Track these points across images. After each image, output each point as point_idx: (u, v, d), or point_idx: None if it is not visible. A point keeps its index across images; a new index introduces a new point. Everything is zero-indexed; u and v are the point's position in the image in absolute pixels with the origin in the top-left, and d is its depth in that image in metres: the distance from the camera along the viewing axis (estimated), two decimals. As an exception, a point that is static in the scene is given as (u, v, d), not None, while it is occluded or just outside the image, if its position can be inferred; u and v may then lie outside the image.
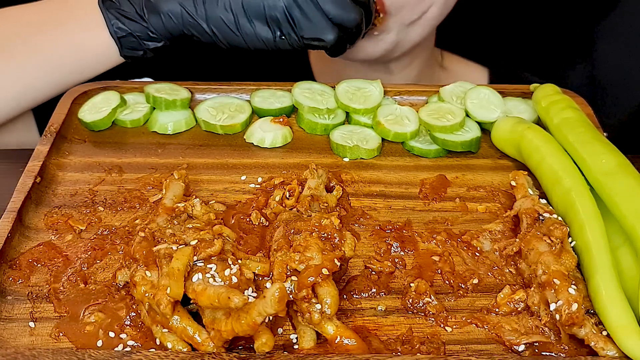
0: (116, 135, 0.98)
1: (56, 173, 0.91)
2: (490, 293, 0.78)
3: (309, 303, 0.70)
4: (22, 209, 0.83)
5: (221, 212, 0.85)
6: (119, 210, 0.86)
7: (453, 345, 0.72)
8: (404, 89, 1.06)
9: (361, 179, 0.92)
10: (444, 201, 0.89)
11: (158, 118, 0.99)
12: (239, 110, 1.01)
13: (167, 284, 0.69)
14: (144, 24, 0.97)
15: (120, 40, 0.99)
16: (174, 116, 0.99)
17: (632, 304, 0.72)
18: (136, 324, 0.73)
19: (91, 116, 0.98)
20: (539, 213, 0.81)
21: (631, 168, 0.82)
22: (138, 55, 1.01)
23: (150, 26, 0.97)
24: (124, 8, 0.98)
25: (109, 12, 0.98)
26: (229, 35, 0.96)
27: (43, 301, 0.75)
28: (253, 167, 0.93)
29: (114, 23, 0.98)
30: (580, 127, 0.90)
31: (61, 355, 0.67)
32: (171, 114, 0.99)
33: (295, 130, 1.00)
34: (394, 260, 0.81)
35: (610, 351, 0.69)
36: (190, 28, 0.97)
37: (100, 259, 0.80)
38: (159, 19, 0.97)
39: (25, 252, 0.80)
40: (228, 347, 0.70)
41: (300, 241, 0.75)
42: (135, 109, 1.01)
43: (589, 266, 0.75)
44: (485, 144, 0.98)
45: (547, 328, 0.73)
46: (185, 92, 1.02)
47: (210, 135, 0.99)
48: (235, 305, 0.65)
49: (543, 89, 0.99)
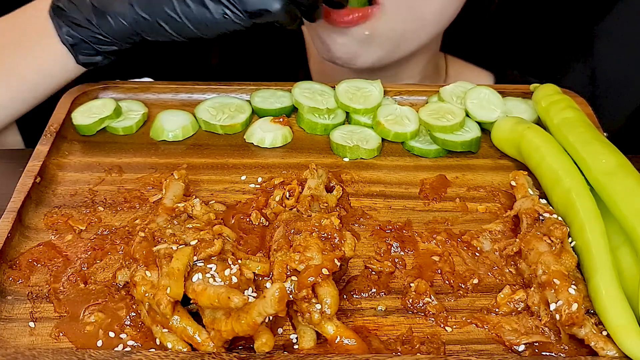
0: (116, 135, 0.98)
1: (56, 173, 0.91)
2: (490, 293, 0.78)
3: (309, 303, 0.70)
4: (22, 209, 0.83)
5: (221, 212, 0.85)
6: (119, 210, 0.86)
7: (453, 345, 0.72)
8: (404, 89, 1.06)
9: (361, 179, 0.92)
10: (444, 201, 0.89)
11: (164, 126, 0.98)
12: (239, 110, 1.01)
13: (167, 284, 0.69)
14: (94, 29, 0.96)
15: (73, 48, 0.98)
16: (178, 122, 0.99)
17: (632, 304, 0.72)
18: (136, 324, 0.73)
19: (81, 119, 0.98)
20: (539, 213, 0.81)
21: (631, 168, 0.82)
22: (96, 60, 0.99)
23: (101, 30, 0.96)
24: (73, 15, 0.96)
25: (59, 20, 0.97)
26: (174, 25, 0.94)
27: (43, 301, 0.75)
28: (253, 167, 0.93)
29: (65, 30, 0.97)
30: (580, 127, 0.90)
31: (61, 355, 0.67)
32: (175, 121, 0.99)
33: (295, 130, 1.00)
34: (394, 260, 0.81)
35: (610, 351, 0.69)
36: (139, 25, 0.95)
37: (100, 259, 0.80)
38: (107, 22, 0.95)
39: (25, 252, 0.80)
40: (228, 347, 0.70)
41: (300, 241, 0.75)
42: (128, 116, 1.00)
43: (589, 266, 0.75)
44: (485, 144, 0.98)
45: (547, 328, 0.73)
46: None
47: (210, 135, 0.99)
48: (235, 305, 0.65)
49: (543, 89, 0.99)
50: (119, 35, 0.96)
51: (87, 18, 0.95)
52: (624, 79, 1.35)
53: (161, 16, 0.93)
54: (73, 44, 0.97)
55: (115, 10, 0.94)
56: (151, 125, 0.99)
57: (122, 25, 0.95)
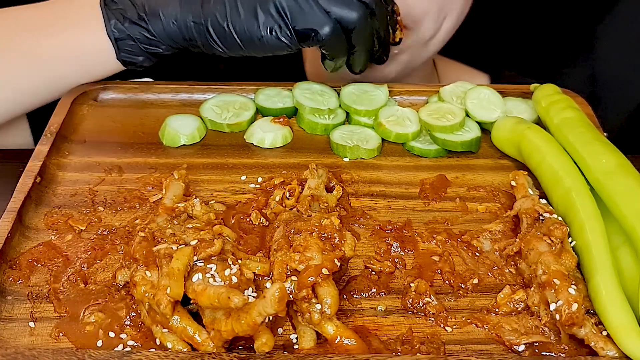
0: (116, 135, 0.98)
1: (56, 173, 0.91)
2: (490, 293, 0.78)
3: (309, 303, 0.70)
4: (22, 209, 0.83)
5: (221, 212, 0.85)
6: (119, 210, 0.86)
7: (453, 345, 0.72)
8: (404, 89, 1.06)
9: (361, 179, 0.92)
10: (444, 201, 0.89)
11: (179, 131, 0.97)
12: (243, 108, 1.02)
13: (167, 284, 0.69)
14: (145, 25, 0.95)
15: (117, 43, 0.96)
16: (191, 125, 0.98)
17: (632, 304, 0.72)
18: (136, 324, 0.73)
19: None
20: (539, 213, 0.81)
21: (631, 168, 0.82)
22: (137, 61, 0.98)
23: (151, 29, 0.95)
24: (125, 9, 0.95)
25: (109, 12, 0.96)
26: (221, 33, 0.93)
27: (43, 301, 0.75)
28: (253, 167, 0.93)
29: (113, 23, 0.95)
30: (580, 127, 0.90)
31: (61, 355, 0.67)
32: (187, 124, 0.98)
33: (295, 130, 1.00)
34: (394, 260, 0.81)
35: (610, 351, 0.69)
36: (189, 31, 0.94)
37: (100, 259, 0.80)
38: (159, 22, 0.94)
39: (25, 252, 0.80)
40: (228, 347, 0.70)
41: (300, 241, 0.75)
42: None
43: (589, 266, 0.75)
44: (485, 144, 0.98)
45: (547, 328, 0.73)
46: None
47: (210, 135, 0.99)
48: (235, 305, 0.65)
49: (543, 89, 0.99)
50: (167, 37, 0.95)
51: (139, 14, 0.94)
52: (624, 79, 1.35)
53: (211, 20, 0.92)
54: (118, 39, 0.96)
55: (168, 11, 0.94)
56: (161, 131, 0.98)
57: (172, 27, 0.94)
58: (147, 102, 1.04)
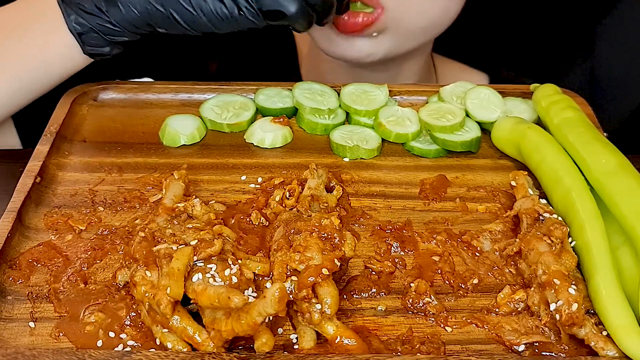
0: (116, 135, 0.98)
1: (56, 173, 0.91)
2: (490, 293, 0.78)
3: (309, 303, 0.70)
4: (22, 209, 0.83)
5: (221, 212, 0.85)
6: (119, 210, 0.86)
7: (453, 345, 0.72)
8: (404, 89, 1.06)
9: (361, 179, 0.92)
10: (444, 201, 0.89)
11: (179, 131, 0.97)
12: (243, 108, 1.02)
13: (167, 284, 0.69)
14: (104, 17, 0.93)
15: (81, 37, 0.94)
16: (191, 125, 0.98)
17: (632, 304, 0.72)
18: (136, 324, 0.73)
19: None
20: (539, 213, 0.81)
21: (631, 168, 0.82)
22: (104, 52, 0.96)
23: (111, 19, 0.92)
24: (82, 2, 0.93)
25: (68, 8, 0.94)
26: (188, 17, 0.91)
27: (43, 301, 0.75)
28: (253, 167, 0.93)
29: (73, 18, 0.93)
30: (580, 127, 0.90)
31: (61, 355, 0.67)
32: (187, 124, 0.98)
33: (295, 130, 1.00)
34: (394, 260, 0.81)
35: (610, 351, 0.69)
36: (151, 16, 0.92)
37: (100, 259, 0.80)
38: (118, 10, 0.92)
39: (25, 252, 0.80)
40: (228, 347, 0.70)
41: (300, 241, 0.75)
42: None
43: (589, 266, 0.75)
44: (485, 144, 0.98)
45: (547, 328, 0.73)
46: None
47: (210, 134, 0.99)
48: (235, 305, 0.65)
49: (543, 89, 0.99)
50: (129, 24, 0.93)
51: (97, 5, 0.93)
52: (624, 79, 1.35)
53: (175, 7, 0.91)
54: (81, 33, 0.94)
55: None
56: (161, 131, 0.98)
57: (134, 14, 0.92)
58: (147, 102, 1.04)
